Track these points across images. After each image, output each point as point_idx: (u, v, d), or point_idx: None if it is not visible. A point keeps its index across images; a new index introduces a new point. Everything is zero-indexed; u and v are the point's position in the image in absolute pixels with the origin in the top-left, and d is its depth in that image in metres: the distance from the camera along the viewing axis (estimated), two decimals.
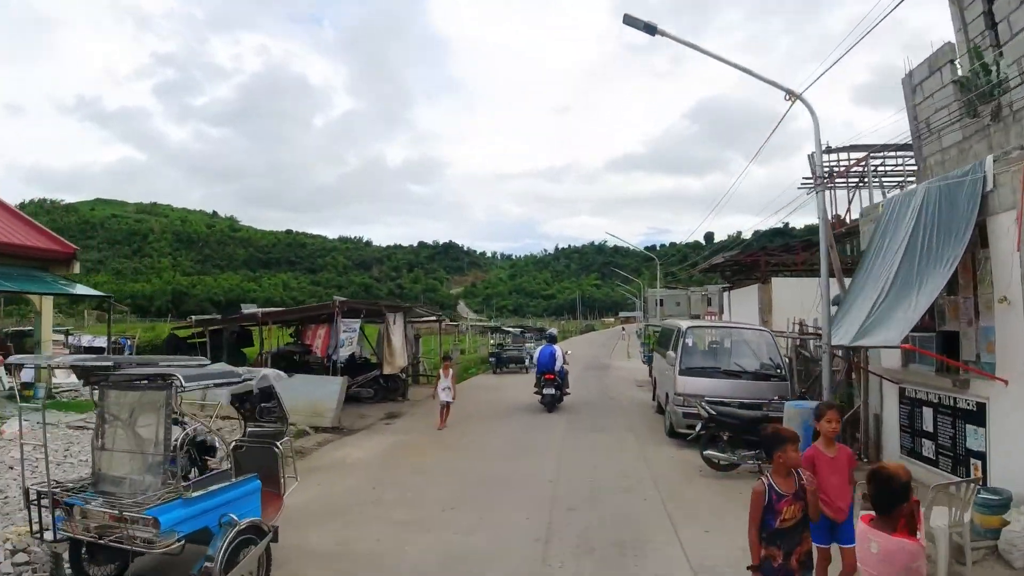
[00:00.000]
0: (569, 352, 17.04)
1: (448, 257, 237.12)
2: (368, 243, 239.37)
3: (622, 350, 41.51)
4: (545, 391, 14.65)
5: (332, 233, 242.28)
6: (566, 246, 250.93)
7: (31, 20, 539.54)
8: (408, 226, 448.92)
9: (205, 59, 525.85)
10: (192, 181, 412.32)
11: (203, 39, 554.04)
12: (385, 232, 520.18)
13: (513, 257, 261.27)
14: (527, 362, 24.93)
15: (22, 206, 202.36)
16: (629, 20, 8.77)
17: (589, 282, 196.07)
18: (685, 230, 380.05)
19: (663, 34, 8.82)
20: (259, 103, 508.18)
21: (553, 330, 23.53)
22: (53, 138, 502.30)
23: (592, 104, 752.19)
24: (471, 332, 31.78)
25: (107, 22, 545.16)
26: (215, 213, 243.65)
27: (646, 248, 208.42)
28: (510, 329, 28.45)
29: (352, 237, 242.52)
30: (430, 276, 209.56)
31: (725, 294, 26.64)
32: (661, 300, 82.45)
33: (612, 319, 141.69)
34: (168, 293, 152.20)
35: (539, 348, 16.34)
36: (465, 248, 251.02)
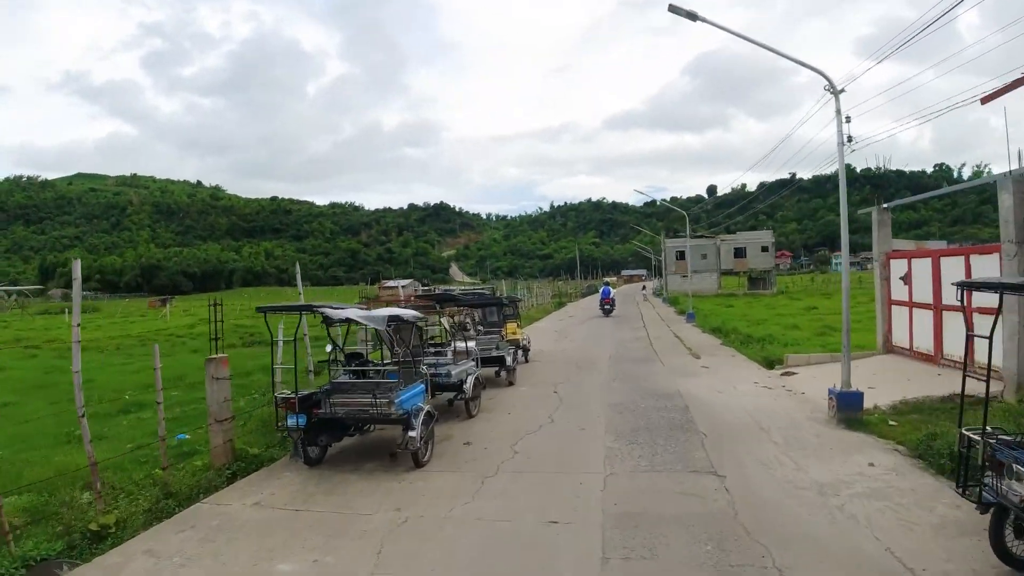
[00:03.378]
0: (615, 290, 38.44)
1: (439, 219, 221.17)
2: (357, 208, 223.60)
3: (661, 329, 24.81)
4: (605, 307, 31.18)
5: (326, 202, 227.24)
6: (562, 203, 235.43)
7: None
8: (405, 192, 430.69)
9: (194, 28, 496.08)
10: (184, 154, 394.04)
11: (191, 7, 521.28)
12: (381, 199, 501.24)
13: (508, 217, 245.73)
14: (469, 394, 9.41)
15: None
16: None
17: (587, 240, 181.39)
18: (683, 187, 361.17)
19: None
20: (250, 71, 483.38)
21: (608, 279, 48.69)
22: (41, 117, 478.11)
23: (590, 63, 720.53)
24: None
25: None
26: (199, 183, 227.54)
27: (645, 204, 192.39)
28: (390, 312, 7.71)
29: (341, 203, 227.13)
30: (421, 239, 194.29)
31: None
32: (681, 252, 61.03)
33: (613, 278, 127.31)
34: (136, 267, 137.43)
35: (600, 290, 34.56)
36: (457, 209, 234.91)
